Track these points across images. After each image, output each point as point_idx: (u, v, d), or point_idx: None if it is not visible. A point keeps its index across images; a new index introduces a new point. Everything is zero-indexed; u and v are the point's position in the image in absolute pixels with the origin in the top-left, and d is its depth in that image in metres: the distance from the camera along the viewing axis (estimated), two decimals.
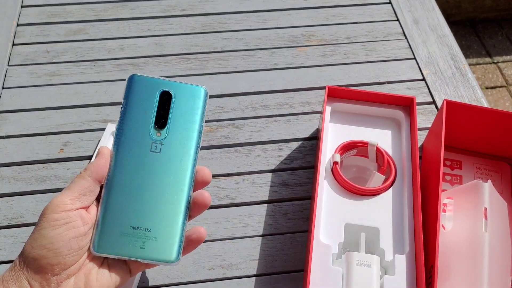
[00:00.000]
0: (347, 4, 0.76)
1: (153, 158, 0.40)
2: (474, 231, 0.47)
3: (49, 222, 0.36)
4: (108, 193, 0.39)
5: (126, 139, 0.40)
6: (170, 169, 0.40)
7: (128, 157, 0.39)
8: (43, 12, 0.73)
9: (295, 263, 0.50)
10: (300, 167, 0.58)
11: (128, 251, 0.38)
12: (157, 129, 0.40)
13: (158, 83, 0.41)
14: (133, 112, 0.40)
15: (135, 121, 0.40)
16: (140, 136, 0.40)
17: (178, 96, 0.41)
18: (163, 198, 0.39)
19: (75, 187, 0.38)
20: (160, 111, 0.40)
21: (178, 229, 0.39)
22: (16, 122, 0.60)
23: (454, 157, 0.57)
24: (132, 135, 0.40)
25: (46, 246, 0.36)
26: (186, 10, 0.74)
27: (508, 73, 1.74)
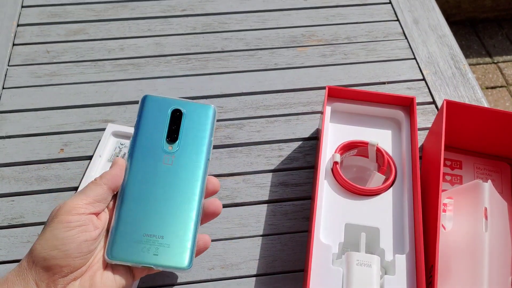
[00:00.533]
0: (347, 4, 0.76)
1: (165, 170, 0.42)
2: (474, 231, 0.47)
3: (62, 223, 0.37)
4: (123, 201, 0.40)
5: (140, 152, 0.42)
6: (182, 180, 0.42)
7: (142, 169, 0.42)
8: (43, 12, 0.73)
9: (295, 263, 0.50)
10: (300, 167, 0.58)
11: (142, 258, 0.39)
12: (169, 143, 0.43)
13: (170, 102, 0.44)
14: (146, 128, 0.43)
15: (148, 136, 0.43)
16: (153, 150, 0.42)
17: (189, 113, 0.44)
18: (176, 207, 0.41)
19: (90, 193, 0.39)
20: (171, 127, 0.43)
21: (190, 237, 0.41)
22: (16, 122, 0.60)
23: (454, 157, 0.57)
24: (146, 148, 0.42)
25: (58, 247, 0.36)
26: (186, 10, 0.74)
27: (508, 73, 1.74)
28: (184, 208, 0.42)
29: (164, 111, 0.44)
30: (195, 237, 0.41)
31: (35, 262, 0.36)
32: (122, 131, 0.57)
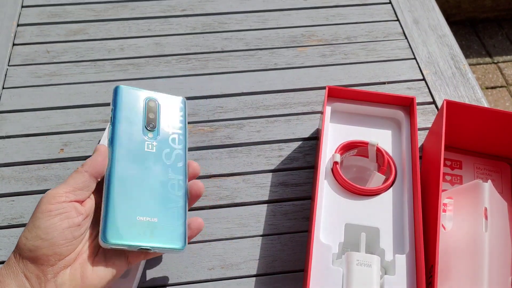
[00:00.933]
0: (347, 4, 0.76)
1: (149, 156, 0.43)
2: (474, 231, 0.47)
3: (43, 213, 0.37)
4: (111, 187, 0.40)
5: (122, 139, 0.42)
6: (166, 165, 0.43)
7: (126, 154, 0.42)
8: (43, 12, 0.73)
9: (295, 263, 0.50)
10: (300, 167, 0.58)
11: (138, 240, 0.39)
12: (149, 131, 0.44)
13: (143, 93, 0.45)
14: (124, 116, 0.43)
15: (127, 124, 0.43)
16: (134, 137, 0.43)
17: (162, 103, 0.46)
18: (164, 190, 0.42)
19: (71, 181, 0.39)
20: (149, 116, 0.44)
21: (182, 218, 0.42)
22: (16, 122, 0.60)
23: (454, 157, 0.57)
24: (127, 135, 0.43)
25: (41, 236, 0.36)
26: (186, 10, 0.74)
27: (508, 73, 1.74)
28: (172, 191, 0.43)
29: (139, 101, 0.45)
30: (185, 219, 0.43)
31: (22, 255, 0.36)
32: None
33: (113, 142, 0.42)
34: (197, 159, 0.58)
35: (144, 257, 0.42)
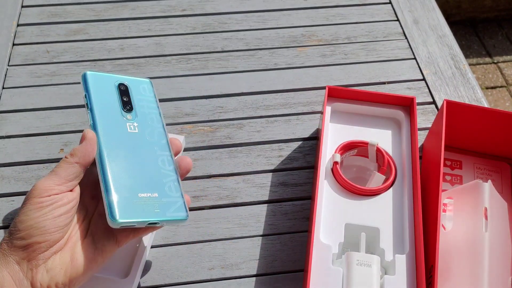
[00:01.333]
0: (347, 4, 0.76)
1: (133, 136, 0.44)
2: (474, 231, 0.47)
3: (34, 205, 0.37)
4: (106, 170, 0.41)
5: (104, 123, 0.43)
6: (151, 143, 0.45)
7: (111, 136, 0.43)
8: (43, 12, 0.73)
9: (295, 263, 0.50)
10: (300, 167, 0.58)
11: (146, 216, 0.41)
12: (127, 113, 0.45)
13: (111, 78, 0.46)
14: (99, 101, 0.44)
15: (104, 108, 0.44)
16: (115, 119, 0.44)
17: (132, 87, 0.47)
18: (156, 166, 0.44)
19: (62, 173, 0.39)
20: (123, 98, 0.45)
21: (179, 190, 0.44)
22: (16, 122, 0.60)
23: (454, 157, 0.57)
24: (107, 119, 0.43)
25: (33, 225, 0.37)
26: (186, 10, 0.74)
27: (508, 73, 1.74)
28: (163, 166, 0.44)
29: (110, 85, 0.45)
30: (181, 191, 0.44)
31: (13, 243, 0.37)
32: None
33: (95, 127, 0.42)
34: (197, 159, 0.58)
35: (133, 236, 0.43)
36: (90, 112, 0.43)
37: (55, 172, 0.39)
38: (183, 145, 0.57)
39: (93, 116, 0.43)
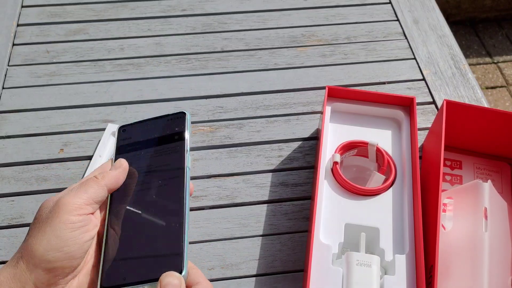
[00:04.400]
0: (347, 4, 0.76)
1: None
2: (474, 231, 0.47)
3: (66, 224, 0.35)
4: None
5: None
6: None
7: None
8: (43, 12, 0.73)
9: (295, 263, 0.50)
10: (300, 167, 0.58)
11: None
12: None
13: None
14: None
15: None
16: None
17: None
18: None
19: (91, 193, 0.37)
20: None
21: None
22: (16, 122, 0.60)
23: (454, 157, 0.57)
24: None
25: (62, 248, 0.35)
26: (186, 10, 0.74)
27: (508, 73, 1.74)
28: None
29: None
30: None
31: (37, 265, 0.35)
32: None
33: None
34: (197, 159, 0.58)
35: None
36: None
37: (84, 190, 0.37)
38: None
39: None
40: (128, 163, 0.40)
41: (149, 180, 0.40)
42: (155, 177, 0.40)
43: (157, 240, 0.38)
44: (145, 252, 0.38)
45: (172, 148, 0.41)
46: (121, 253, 0.38)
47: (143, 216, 0.39)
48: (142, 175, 0.40)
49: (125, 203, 0.39)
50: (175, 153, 0.41)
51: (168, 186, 0.40)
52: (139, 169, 0.41)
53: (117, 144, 0.42)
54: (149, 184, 0.40)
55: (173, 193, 0.40)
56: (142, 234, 0.38)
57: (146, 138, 0.42)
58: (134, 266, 0.37)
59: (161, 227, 0.38)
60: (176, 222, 0.38)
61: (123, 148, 0.42)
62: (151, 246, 0.38)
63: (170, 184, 0.40)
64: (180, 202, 0.39)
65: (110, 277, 0.37)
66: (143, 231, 0.38)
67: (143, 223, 0.39)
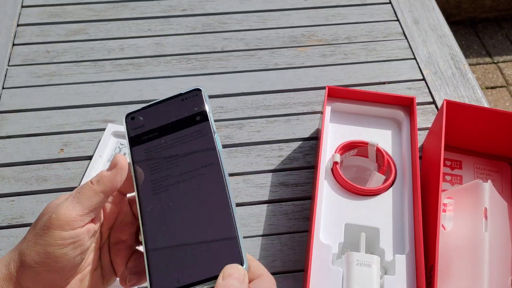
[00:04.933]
0: (347, 4, 0.76)
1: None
2: (474, 231, 0.47)
3: (55, 239, 0.34)
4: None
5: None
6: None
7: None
8: (43, 12, 0.73)
9: (295, 263, 0.50)
10: (300, 167, 0.58)
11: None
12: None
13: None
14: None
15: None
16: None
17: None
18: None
19: (86, 203, 0.35)
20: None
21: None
22: (16, 122, 0.60)
23: (454, 157, 0.57)
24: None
25: (51, 264, 0.34)
26: (187, 10, 0.74)
27: (508, 73, 1.74)
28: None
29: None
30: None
31: (26, 273, 0.34)
32: (122, 131, 0.57)
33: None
34: None
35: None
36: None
37: (78, 200, 0.35)
38: None
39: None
40: (144, 156, 0.36)
41: (179, 171, 0.36)
42: (185, 167, 0.36)
43: (207, 234, 0.34)
44: (196, 248, 0.34)
45: (197, 132, 0.37)
46: (169, 253, 0.34)
47: (184, 210, 0.35)
48: (169, 167, 0.36)
49: (160, 200, 0.35)
50: (202, 136, 0.36)
51: (204, 175, 0.36)
52: (162, 161, 0.36)
53: (129, 135, 0.37)
54: (182, 176, 0.36)
55: (212, 182, 0.36)
56: (188, 230, 0.34)
57: (162, 124, 0.37)
58: (187, 265, 0.34)
59: (208, 219, 0.34)
60: (223, 212, 0.34)
61: (137, 139, 0.37)
62: (202, 241, 0.34)
63: (205, 173, 0.36)
64: (223, 191, 0.35)
65: (161, 282, 0.33)
66: (188, 226, 0.34)
67: (186, 218, 0.35)
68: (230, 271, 0.32)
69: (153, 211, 0.35)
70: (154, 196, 0.35)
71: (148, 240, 0.35)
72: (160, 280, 0.33)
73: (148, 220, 0.35)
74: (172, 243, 0.34)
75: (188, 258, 0.33)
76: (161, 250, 0.34)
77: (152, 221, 0.35)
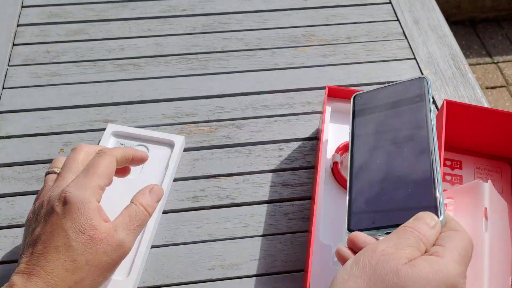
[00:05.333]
0: (347, 4, 0.76)
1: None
2: (474, 231, 0.47)
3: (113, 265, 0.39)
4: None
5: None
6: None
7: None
8: (43, 12, 0.73)
9: (295, 263, 0.50)
10: (300, 167, 0.58)
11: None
12: None
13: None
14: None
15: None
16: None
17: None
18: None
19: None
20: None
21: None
22: (16, 122, 0.60)
23: (454, 157, 0.57)
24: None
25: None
26: (187, 10, 0.74)
27: (508, 73, 1.74)
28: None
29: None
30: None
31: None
32: (122, 131, 0.58)
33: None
34: (197, 159, 0.58)
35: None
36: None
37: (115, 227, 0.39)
38: (183, 145, 0.57)
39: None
40: (365, 125, 0.44)
41: (391, 137, 0.42)
42: (399, 133, 0.42)
43: (408, 188, 0.38)
44: (396, 197, 0.38)
45: (414, 109, 0.43)
46: (370, 197, 0.39)
47: (390, 166, 0.40)
48: (384, 132, 0.43)
49: (370, 156, 0.42)
50: (418, 113, 0.42)
51: (414, 142, 0.41)
52: (380, 128, 0.43)
53: (354, 109, 0.46)
54: (393, 140, 0.42)
55: (421, 147, 0.40)
56: (391, 181, 0.39)
57: (384, 102, 0.45)
58: (384, 210, 0.38)
59: (411, 176, 0.39)
60: (426, 171, 0.38)
61: (360, 113, 0.46)
62: (402, 193, 0.38)
63: (416, 140, 0.41)
64: (429, 155, 0.39)
65: (358, 220, 0.38)
66: (391, 178, 0.39)
67: (391, 171, 0.40)
68: (423, 215, 0.34)
69: (362, 162, 0.42)
70: (365, 153, 0.42)
71: (353, 185, 0.41)
72: (357, 218, 0.39)
73: (356, 168, 0.42)
74: (373, 188, 0.40)
75: (386, 203, 0.38)
76: (362, 192, 0.40)
77: (360, 169, 0.42)
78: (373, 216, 0.38)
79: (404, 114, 0.43)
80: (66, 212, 0.37)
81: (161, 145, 0.57)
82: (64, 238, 0.36)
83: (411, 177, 0.39)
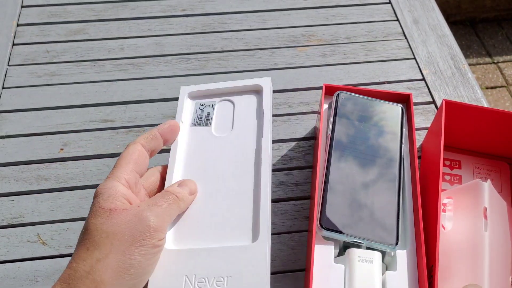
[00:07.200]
0: (347, 4, 0.76)
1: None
2: (474, 231, 0.47)
3: (154, 248, 0.36)
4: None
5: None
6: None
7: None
8: (43, 12, 0.73)
9: (295, 263, 0.50)
10: (300, 166, 0.58)
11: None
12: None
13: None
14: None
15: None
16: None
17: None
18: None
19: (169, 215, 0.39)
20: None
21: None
22: (16, 122, 0.60)
23: (453, 157, 0.57)
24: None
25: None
26: (186, 10, 0.74)
27: (508, 73, 1.74)
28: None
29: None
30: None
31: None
32: (197, 90, 0.49)
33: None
34: None
35: None
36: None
37: (169, 214, 0.38)
38: (271, 87, 0.50)
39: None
40: (344, 128, 0.49)
41: (369, 152, 0.48)
42: (374, 152, 0.48)
43: (376, 207, 0.44)
44: (364, 212, 0.44)
45: (390, 134, 0.49)
46: (343, 204, 0.44)
47: (364, 179, 0.46)
48: (361, 144, 0.48)
49: (346, 159, 0.47)
50: (392, 141, 0.49)
51: (385, 169, 0.47)
52: (358, 139, 0.48)
53: (336, 107, 0.50)
54: (370, 157, 0.47)
55: (390, 177, 0.47)
56: (362, 195, 0.45)
57: (364, 114, 0.50)
58: (353, 220, 0.43)
59: (380, 198, 0.45)
60: (392, 202, 0.46)
61: (342, 113, 0.50)
62: (369, 210, 0.44)
63: (387, 167, 0.47)
64: (395, 187, 0.46)
65: (329, 221, 0.43)
66: (364, 193, 0.45)
67: (363, 186, 0.45)
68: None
69: (339, 166, 0.46)
70: (343, 158, 0.47)
71: (328, 182, 0.45)
72: (328, 219, 0.44)
73: (334, 169, 0.46)
74: (345, 196, 0.45)
75: (355, 215, 0.44)
76: (337, 196, 0.44)
77: (337, 171, 0.46)
78: (343, 223, 0.44)
79: (380, 137, 0.49)
80: (93, 202, 0.37)
81: (247, 95, 0.49)
82: (86, 221, 0.36)
83: (380, 199, 0.45)
